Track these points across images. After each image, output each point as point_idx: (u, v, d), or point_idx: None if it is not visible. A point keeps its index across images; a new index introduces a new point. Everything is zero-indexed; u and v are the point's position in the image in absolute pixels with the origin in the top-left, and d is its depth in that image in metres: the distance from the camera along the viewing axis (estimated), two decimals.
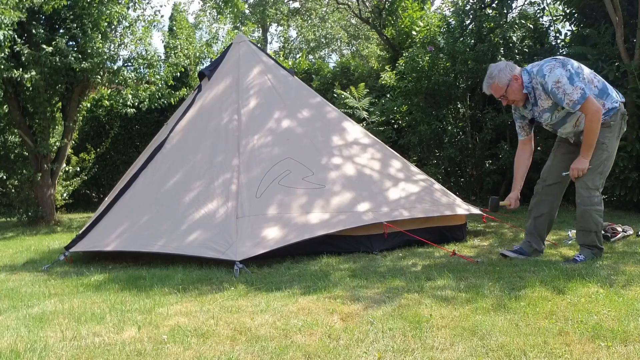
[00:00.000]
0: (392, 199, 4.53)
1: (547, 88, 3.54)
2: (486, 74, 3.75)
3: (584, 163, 3.59)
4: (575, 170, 3.62)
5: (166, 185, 4.55)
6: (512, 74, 3.64)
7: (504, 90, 3.66)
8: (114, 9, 7.93)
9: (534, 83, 3.63)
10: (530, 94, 3.66)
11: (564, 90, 3.49)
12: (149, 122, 11.40)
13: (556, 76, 3.51)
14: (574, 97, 3.48)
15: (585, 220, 3.65)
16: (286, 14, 19.69)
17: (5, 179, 8.94)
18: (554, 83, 3.51)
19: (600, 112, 3.52)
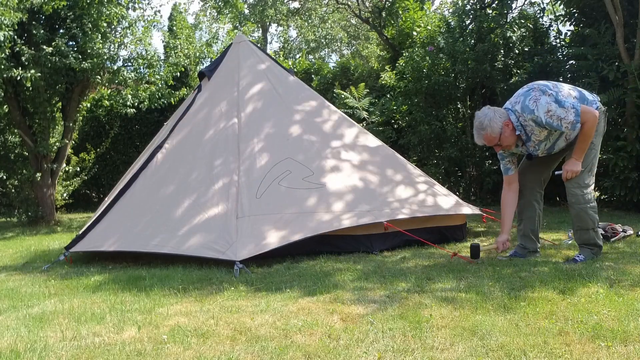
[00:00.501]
0: (392, 199, 4.52)
1: (540, 121, 3.51)
2: (475, 124, 3.72)
3: (577, 165, 3.59)
4: (569, 172, 3.61)
5: (166, 185, 4.55)
6: (502, 122, 3.61)
7: (498, 139, 3.64)
8: (114, 9, 7.93)
9: (522, 121, 3.60)
10: (521, 132, 3.64)
11: (558, 116, 3.48)
12: (149, 122, 11.40)
13: (544, 107, 3.48)
14: (571, 118, 3.48)
15: (581, 219, 3.65)
16: (286, 14, 19.69)
17: (5, 179, 8.94)
18: (545, 114, 3.48)
19: (596, 116, 3.51)
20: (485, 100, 8.79)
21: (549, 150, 3.77)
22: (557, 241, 4.61)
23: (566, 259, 3.75)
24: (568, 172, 3.61)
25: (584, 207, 3.62)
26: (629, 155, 6.50)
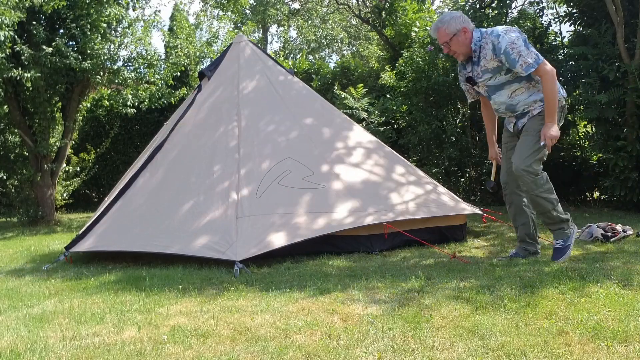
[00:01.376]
0: (392, 199, 4.52)
1: (499, 47, 3.46)
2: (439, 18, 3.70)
3: (552, 128, 3.48)
4: (548, 138, 3.49)
5: (166, 185, 4.55)
6: (462, 26, 3.56)
7: (449, 38, 3.58)
8: (113, 9, 7.93)
9: (484, 42, 3.55)
10: (476, 52, 3.59)
11: (519, 52, 3.44)
12: (149, 122, 11.40)
13: (511, 38, 3.45)
14: (529, 60, 3.44)
15: (539, 204, 3.61)
16: (286, 15, 19.69)
17: (5, 179, 8.94)
18: (509, 44, 3.44)
19: (554, 76, 3.47)
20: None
21: (490, 92, 3.70)
22: None
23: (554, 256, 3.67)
24: (547, 139, 3.48)
25: (537, 192, 3.56)
26: (629, 155, 6.50)
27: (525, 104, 3.64)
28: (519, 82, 3.59)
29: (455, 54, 3.67)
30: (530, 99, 3.62)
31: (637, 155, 6.52)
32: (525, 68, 3.45)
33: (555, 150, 8.01)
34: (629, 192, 6.59)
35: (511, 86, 3.61)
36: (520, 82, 3.59)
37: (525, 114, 3.69)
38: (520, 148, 3.63)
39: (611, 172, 6.72)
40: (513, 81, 3.59)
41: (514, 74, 3.56)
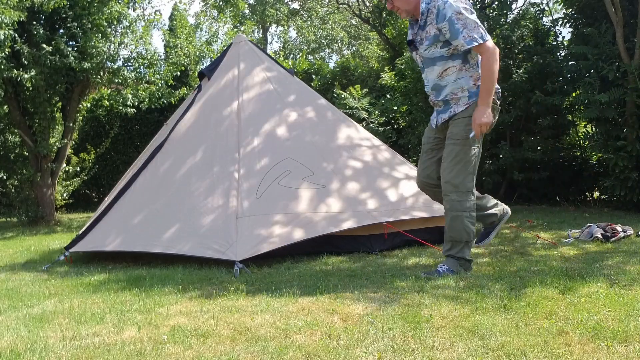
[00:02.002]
0: (392, 199, 4.53)
1: (443, 14, 3.15)
2: None
3: (485, 113, 3.16)
4: (477, 125, 3.17)
5: (166, 185, 4.55)
6: None
7: None
8: (114, 8, 7.93)
9: (432, 6, 3.23)
10: (423, 14, 3.27)
11: (465, 23, 3.14)
12: (149, 122, 11.40)
13: (459, 8, 3.15)
14: (474, 34, 3.14)
15: (455, 229, 3.30)
16: (286, 14, 19.69)
17: (5, 179, 8.94)
18: (455, 13, 3.14)
19: (497, 53, 3.18)
20: None
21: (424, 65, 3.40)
22: (556, 240, 4.61)
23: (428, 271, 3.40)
24: (477, 125, 3.17)
25: (461, 215, 3.27)
26: (629, 155, 6.50)
27: (452, 90, 3.31)
28: (452, 60, 3.27)
29: (398, 10, 3.36)
30: (458, 83, 3.29)
31: (637, 155, 6.52)
32: (468, 41, 3.15)
33: (555, 150, 8.03)
34: (629, 192, 6.59)
35: (445, 64, 3.29)
36: (454, 61, 3.28)
37: (447, 107, 3.37)
38: (447, 160, 3.31)
39: (611, 172, 6.72)
40: (448, 58, 3.28)
41: (450, 50, 3.25)
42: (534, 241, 4.66)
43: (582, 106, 7.06)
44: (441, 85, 3.36)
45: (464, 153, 3.26)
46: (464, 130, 3.26)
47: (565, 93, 7.50)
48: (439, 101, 3.42)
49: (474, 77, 3.29)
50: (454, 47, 3.24)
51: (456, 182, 3.26)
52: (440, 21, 3.20)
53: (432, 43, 3.29)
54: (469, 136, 3.24)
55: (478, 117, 3.17)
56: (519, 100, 7.92)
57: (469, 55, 3.28)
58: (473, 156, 3.28)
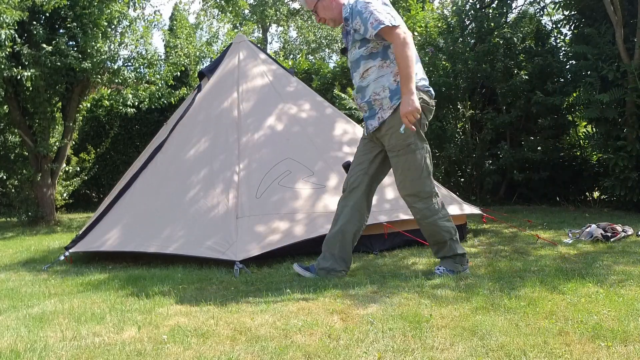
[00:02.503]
0: (392, 199, 4.52)
1: (356, 10, 3.11)
2: None
3: (408, 101, 3.01)
4: (404, 116, 3.04)
5: (166, 185, 4.55)
6: None
7: (314, 4, 3.29)
8: (114, 7, 7.93)
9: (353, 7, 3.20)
10: (348, 19, 3.23)
11: (372, 10, 3.05)
12: (149, 122, 11.40)
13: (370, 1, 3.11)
14: (381, 18, 3.03)
15: (435, 234, 3.25)
16: (286, 15, 19.70)
17: (5, 179, 8.94)
18: (364, 4, 3.08)
19: (408, 39, 3.05)
20: (485, 100, 8.79)
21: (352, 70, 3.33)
22: (556, 240, 4.61)
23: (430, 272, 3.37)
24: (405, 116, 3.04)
25: (433, 220, 3.21)
26: (629, 155, 6.50)
27: (374, 89, 3.21)
28: (373, 59, 3.19)
29: (325, 21, 3.32)
30: (379, 82, 3.18)
31: (637, 155, 6.53)
32: (375, 25, 3.03)
33: (555, 150, 8.03)
34: (629, 192, 6.60)
35: (366, 64, 3.20)
36: (374, 60, 3.19)
37: (373, 112, 3.27)
38: (397, 174, 3.23)
39: (611, 172, 6.72)
40: (368, 57, 3.20)
41: (369, 49, 3.18)
42: (534, 241, 4.66)
43: (582, 106, 7.06)
44: (363, 86, 3.28)
45: (410, 162, 3.17)
46: (401, 139, 3.16)
47: (565, 93, 7.51)
48: (364, 104, 3.33)
49: (393, 72, 3.17)
50: (372, 46, 3.17)
51: (415, 192, 3.20)
52: (354, 18, 3.15)
53: (352, 44, 3.26)
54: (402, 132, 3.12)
55: (403, 108, 3.04)
56: (519, 100, 7.92)
57: (389, 51, 3.17)
58: (421, 160, 3.17)
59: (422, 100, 3.17)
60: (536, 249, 4.31)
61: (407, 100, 3.03)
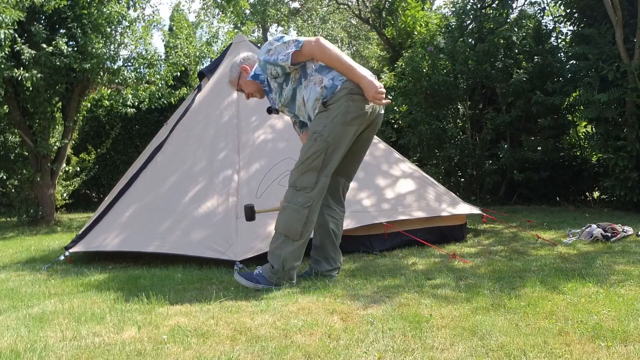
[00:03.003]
0: (393, 198, 4.52)
1: (262, 65, 3.15)
2: None
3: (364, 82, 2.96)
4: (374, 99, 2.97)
5: (166, 185, 4.55)
6: (241, 67, 3.32)
7: (237, 84, 3.38)
8: (114, 8, 7.93)
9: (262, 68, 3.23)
10: (264, 82, 3.27)
11: (275, 47, 3.08)
12: (149, 122, 11.41)
13: (266, 45, 3.15)
14: (285, 49, 3.05)
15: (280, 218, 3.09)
16: (286, 14, 19.68)
17: (5, 179, 8.95)
18: (266, 52, 3.11)
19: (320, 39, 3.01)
20: (485, 100, 8.79)
21: (291, 110, 3.28)
22: (556, 240, 4.61)
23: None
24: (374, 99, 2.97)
25: (290, 206, 3.06)
26: (629, 155, 6.51)
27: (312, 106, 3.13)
28: (300, 83, 3.17)
29: (253, 95, 3.39)
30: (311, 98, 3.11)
31: (637, 155, 6.53)
32: (286, 57, 3.04)
33: (555, 150, 8.03)
34: (629, 192, 6.60)
35: (299, 93, 3.17)
36: (300, 85, 3.17)
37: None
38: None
39: (611, 172, 6.73)
40: (297, 84, 3.17)
41: (293, 79, 3.17)
42: (534, 241, 4.66)
43: (582, 106, 7.07)
44: (307, 110, 3.20)
45: (306, 149, 3.08)
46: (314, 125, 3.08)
47: (565, 93, 7.51)
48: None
49: (316, 82, 3.11)
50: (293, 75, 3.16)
51: (293, 179, 3.11)
52: (266, 71, 3.17)
53: (279, 90, 3.25)
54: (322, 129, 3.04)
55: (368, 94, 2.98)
56: (519, 100, 7.93)
57: (306, 70, 3.14)
58: (315, 151, 3.03)
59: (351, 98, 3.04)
60: (536, 249, 4.31)
61: (366, 85, 2.98)
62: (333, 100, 3.03)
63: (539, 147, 7.91)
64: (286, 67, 3.11)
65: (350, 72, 3.01)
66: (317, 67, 3.11)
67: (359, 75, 3.00)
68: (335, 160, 3.09)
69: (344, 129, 3.05)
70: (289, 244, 3.09)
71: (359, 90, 3.02)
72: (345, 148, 3.12)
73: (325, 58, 3.04)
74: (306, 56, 3.08)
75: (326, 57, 3.03)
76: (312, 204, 3.05)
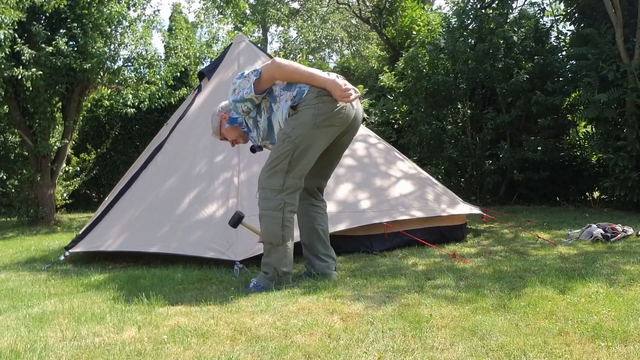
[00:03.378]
0: (392, 198, 4.52)
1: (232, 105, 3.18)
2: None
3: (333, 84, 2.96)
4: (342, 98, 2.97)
5: (166, 185, 4.55)
6: (220, 115, 3.31)
7: (219, 133, 3.38)
8: (114, 8, 7.93)
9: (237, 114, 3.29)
10: (242, 124, 3.29)
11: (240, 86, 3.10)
12: (149, 122, 11.41)
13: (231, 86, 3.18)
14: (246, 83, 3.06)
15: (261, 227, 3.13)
16: (286, 14, 19.70)
17: (5, 179, 8.95)
18: (232, 92, 3.14)
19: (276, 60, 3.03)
20: (485, 100, 8.79)
21: (271, 140, 3.24)
22: (556, 240, 4.61)
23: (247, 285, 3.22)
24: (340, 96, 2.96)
25: (265, 213, 3.07)
26: (629, 155, 6.51)
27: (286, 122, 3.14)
28: (272, 109, 3.17)
29: (238, 141, 3.39)
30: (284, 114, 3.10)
31: (637, 155, 6.53)
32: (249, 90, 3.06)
33: (555, 150, 8.04)
34: (629, 192, 6.60)
35: (274, 119, 3.17)
36: (273, 110, 3.16)
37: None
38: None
39: (611, 172, 6.73)
40: (269, 112, 3.18)
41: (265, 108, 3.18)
42: (534, 241, 4.66)
43: (582, 106, 7.07)
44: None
45: (274, 151, 3.09)
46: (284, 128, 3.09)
47: (565, 93, 7.51)
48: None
49: (287, 98, 3.10)
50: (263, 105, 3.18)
51: (262, 181, 3.11)
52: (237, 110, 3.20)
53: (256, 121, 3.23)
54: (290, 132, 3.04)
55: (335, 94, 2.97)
56: (519, 100, 7.93)
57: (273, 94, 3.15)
58: (283, 152, 3.02)
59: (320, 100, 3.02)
60: (536, 249, 4.31)
61: (331, 86, 2.96)
62: (302, 103, 3.02)
63: (539, 147, 7.92)
64: (254, 99, 3.11)
65: (313, 79, 3.00)
66: (283, 86, 3.11)
67: (322, 80, 2.99)
68: (305, 163, 3.06)
69: (315, 132, 3.02)
70: (275, 250, 3.10)
71: (328, 92, 3.01)
72: (318, 150, 3.09)
73: (284, 75, 3.05)
74: (268, 80, 3.07)
75: (285, 73, 3.04)
76: (284, 205, 3.05)
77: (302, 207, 3.34)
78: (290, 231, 3.11)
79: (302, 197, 3.31)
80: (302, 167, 3.06)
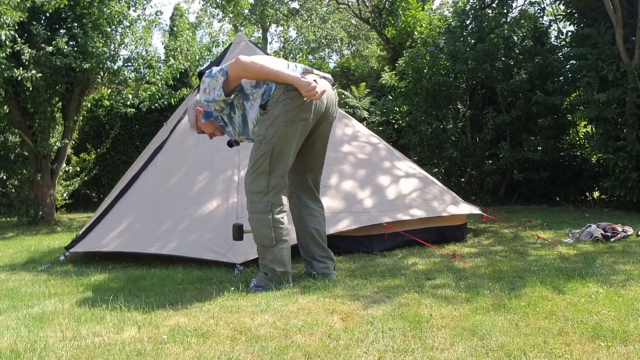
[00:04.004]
0: (393, 199, 4.52)
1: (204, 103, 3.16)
2: None
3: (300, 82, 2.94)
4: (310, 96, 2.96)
5: (166, 185, 4.55)
6: (195, 109, 3.28)
7: (196, 127, 3.35)
8: (115, 8, 7.93)
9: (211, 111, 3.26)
10: (218, 118, 3.26)
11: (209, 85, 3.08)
12: (149, 122, 11.40)
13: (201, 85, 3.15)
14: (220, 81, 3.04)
15: (254, 232, 3.12)
16: (286, 14, 19.69)
17: (5, 179, 8.94)
18: (203, 92, 3.12)
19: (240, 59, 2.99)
20: (485, 100, 8.79)
21: (247, 136, 3.24)
22: (556, 240, 4.61)
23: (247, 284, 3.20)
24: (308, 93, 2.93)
25: (253, 217, 3.08)
26: (629, 155, 6.51)
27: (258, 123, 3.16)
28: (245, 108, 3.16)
29: (214, 134, 3.37)
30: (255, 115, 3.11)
31: (637, 155, 6.53)
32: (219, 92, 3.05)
33: (555, 150, 8.03)
34: (629, 192, 6.60)
35: (249, 114, 3.15)
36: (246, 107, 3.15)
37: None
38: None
39: (611, 172, 6.73)
40: (243, 110, 3.17)
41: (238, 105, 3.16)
42: (534, 241, 4.66)
43: (582, 106, 7.07)
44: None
45: (253, 154, 3.10)
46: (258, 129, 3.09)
47: (565, 93, 7.51)
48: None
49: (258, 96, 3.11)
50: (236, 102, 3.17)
51: (247, 185, 3.12)
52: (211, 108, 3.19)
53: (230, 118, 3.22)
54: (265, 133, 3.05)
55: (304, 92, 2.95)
56: (519, 100, 7.93)
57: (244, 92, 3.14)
58: (261, 155, 3.03)
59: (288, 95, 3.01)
60: (536, 249, 4.31)
61: (297, 85, 2.95)
62: (271, 101, 3.02)
63: (539, 147, 7.92)
64: (226, 100, 3.11)
65: (279, 77, 2.98)
66: (253, 84, 3.10)
67: (287, 78, 2.97)
68: (284, 161, 3.06)
69: (288, 128, 3.01)
70: (269, 252, 3.11)
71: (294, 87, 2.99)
72: (294, 146, 3.09)
73: (249, 75, 3.04)
74: (235, 80, 3.06)
75: (250, 73, 3.02)
76: (272, 207, 3.05)
77: (295, 211, 3.36)
78: (282, 231, 3.10)
79: (297, 199, 3.34)
80: (283, 165, 3.07)
